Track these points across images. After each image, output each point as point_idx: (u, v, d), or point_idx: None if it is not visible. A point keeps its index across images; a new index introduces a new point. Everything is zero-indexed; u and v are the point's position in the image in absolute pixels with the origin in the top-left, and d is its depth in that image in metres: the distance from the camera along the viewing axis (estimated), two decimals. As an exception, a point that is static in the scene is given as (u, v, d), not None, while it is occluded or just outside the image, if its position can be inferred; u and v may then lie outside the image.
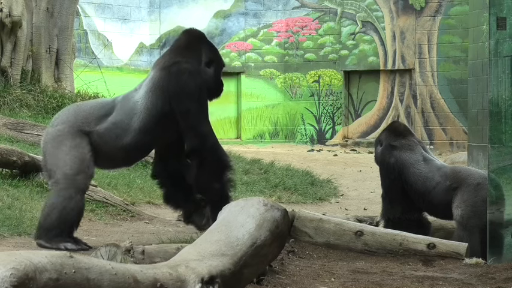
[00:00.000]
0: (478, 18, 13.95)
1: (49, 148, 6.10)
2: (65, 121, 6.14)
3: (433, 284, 5.23)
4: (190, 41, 6.38)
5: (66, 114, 6.24)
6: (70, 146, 6.03)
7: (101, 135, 6.10)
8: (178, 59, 6.21)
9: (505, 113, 5.95)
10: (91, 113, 6.15)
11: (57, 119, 6.25)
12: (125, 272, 3.51)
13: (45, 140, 6.19)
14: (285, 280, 5.11)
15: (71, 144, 6.03)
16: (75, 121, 6.11)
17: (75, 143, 6.03)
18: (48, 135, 6.18)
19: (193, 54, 6.31)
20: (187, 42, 6.35)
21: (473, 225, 6.66)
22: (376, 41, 19.55)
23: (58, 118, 6.26)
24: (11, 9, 12.60)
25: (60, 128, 6.10)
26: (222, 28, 20.01)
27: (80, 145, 6.04)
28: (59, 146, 6.04)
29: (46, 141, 6.18)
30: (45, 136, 6.22)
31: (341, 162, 15.81)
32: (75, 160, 6.02)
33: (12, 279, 3.07)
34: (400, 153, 7.14)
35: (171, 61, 6.20)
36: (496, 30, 5.96)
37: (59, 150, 6.04)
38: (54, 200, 6.01)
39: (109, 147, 6.13)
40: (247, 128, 19.83)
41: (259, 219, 4.40)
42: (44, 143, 6.22)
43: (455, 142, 18.83)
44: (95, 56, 18.64)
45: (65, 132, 6.07)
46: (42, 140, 6.28)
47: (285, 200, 10.42)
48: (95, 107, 6.25)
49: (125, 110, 6.13)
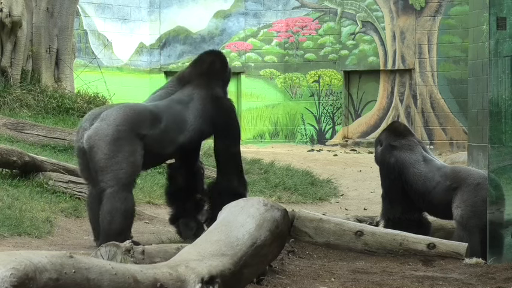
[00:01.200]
0: (478, 18, 13.95)
1: (104, 147, 6.12)
2: (124, 122, 6.21)
3: (433, 284, 5.23)
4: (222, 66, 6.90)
5: (122, 114, 6.24)
6: (129, 151, 6.17)
7: (151, 140, 6.30)
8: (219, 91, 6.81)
9: (505, 113, 5.95)
10: (145, 117, 6.32)
11: (110, 117, 6.20)
12: (125, 272, 3.51)
13: (99, 137, 6.14)
14: (285, 280, 5.11)
15: (129, 149, 6.18)
16: (132, 123, 6.23)
17: (133, 149, 6.20)
18: (103, 133, 6.14)
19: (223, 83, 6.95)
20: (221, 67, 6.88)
21: (473, 225, 6.66)
22: (376, 41, 19.55)
23: (111, 116, 6.21)
24: (11, 9, 12.60)
25: (121, 129, 6.17)
26: (222, 28, 20.01)
27: (136, 150, 6.21)
28: (118, 149, 6.14)
29: (100, 139, 6.13)
30: (98, 132, 6.15)
31: (341, 162, 15.80)
32: (131, 165, 6.19)
33: (12, 279, 3.07)
34: (400, 153, 7.14)
35: (217, 93, 6.76)
36: (496, 30, 5.96)
37: (118, 153, 6.14)
38: (113, 205, 6.10)
39: (153, 153, 6.38)
40: (247, 128, 19.83)
41: (259, 219, 4.40)
42: (95, 139, 6.15)
43: (455, 142, 18.83)
44: (95, 56, 18.64)
45: (125, 135, 6.18)
46: (90, 134, 6.16)
47: (285, 200, 10.42)
48: (144, 111, 6.40)
49: (175, 122, 6.46)
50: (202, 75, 6.73)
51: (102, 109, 6.45)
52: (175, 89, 6.72)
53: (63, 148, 10.28)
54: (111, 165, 6.10)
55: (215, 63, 6.84)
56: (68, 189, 8.25)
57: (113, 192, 6.10)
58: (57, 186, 8.24)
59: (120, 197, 6.10)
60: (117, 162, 6.12)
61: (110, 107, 6.43)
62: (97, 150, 6.13)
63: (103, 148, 6.12)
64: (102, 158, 6.11)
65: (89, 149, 6.16)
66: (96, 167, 6.15)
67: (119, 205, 6.10)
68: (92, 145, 6.15)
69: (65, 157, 9.81)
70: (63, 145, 10.33)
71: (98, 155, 6.12)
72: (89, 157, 6.18)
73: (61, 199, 8.05)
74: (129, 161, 6.16)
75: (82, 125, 6.33)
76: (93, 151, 6.14)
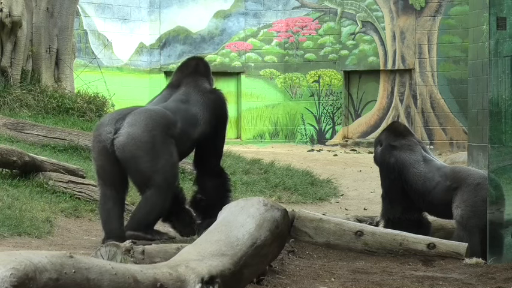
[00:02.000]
0: (478, 18, 13.96)
1: (145, 155, 6.36)
2: (156, 127, 6.44)
3: (433, 284, 5.23)
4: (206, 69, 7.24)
5: (151, 119, 6.45)
6: (168, 153, 6.46)
7: (176, 140, 6.59)
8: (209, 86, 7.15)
9: (505, 113, 5.95)
10: (169, 119, 6.59)
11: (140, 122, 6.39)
12: (125, 272, 3.51)
13: (137, 145, 6.34)
14: (285, 280, 5.11)
15: (168, 152, 6.47)
16: (163, 127, 6.49)
17: (171, 150, 6.50)
18: (140, 140, 6.35)
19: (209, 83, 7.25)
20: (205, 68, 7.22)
21: (473, 225, 6.66)
22: (376, 41, 19.55)
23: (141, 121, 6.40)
24: (11, 9, 12.60)
25: (156, 133, 6.41)
26: (222, 28, 20.01)
27: (173, 151, 6.53)
28: (159, 154, 6.41)
29: (138, 147, 6.35)
30: (134, 139, 6.34)
31: (341, 162, 15.81)
32: (174, 167, 6.56)
33: (12, 279, 3.07)
34: (400, 153, 7.14)
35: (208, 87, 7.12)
36: (496, 30, 5.96)
37: (160, 158, 6.40)
38: (157, 201, 6.44)
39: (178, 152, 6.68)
40: (247, 128, 19.83)
41: (259, 219, 4.40)
42: (132, 148, 6.34)
43: (455, 142, 18.83)
44: (95, 56, 18.64)
45: (161, 139, 6.45)
46: (124, 141, 6.33)
47: (285, 200, 10.42)
48: (165, 113, 6.64)
49: (187, 119, 6.74)
50: (190, 75, 7.03)
51: (123, 112, 6.57)
52: (171, 93, 6.97)
53: (63, 148, 10.28)
54: (156, 171, 6.38)
55: (199, 65, 7.16)
56: (68, 189, 8.25)
57: (160, 190, 6.41)
58: (57, 186, 8.24)
59: (165, 197, 6.47)
60: (163, 166, 6.41)
61: (130, 110, 6.57)
62: (139, 159, 6.36)
63: (145, 156, 6.36)
64: (146, 166, 6.37)
65: (128, 157, 6.35)
66: (138, 174, 6.41)
67: (161, 202, 6.45)
68: (132, 154, 6.35)
69: (65, 157, 9.81)
70: (63, 145, 10.33)
71: (140, 164, 6.37)
72: (126, 164, 6.37)
73: (61, 199, 8.06)
74: (171, 162, 6.48)
75: (104, 129, 6.43)
76: (134, 160, 6.36)
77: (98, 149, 6.45)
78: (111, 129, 6.37)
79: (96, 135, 6.51)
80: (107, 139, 6.35)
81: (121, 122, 6.39)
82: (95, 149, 6.52)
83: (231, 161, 12.02)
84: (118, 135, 6.33)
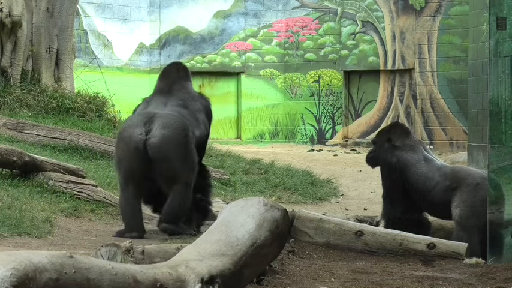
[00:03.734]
0: (478, 18, 13.95)
1: (178, 155, 6.92)
2: (186, 129, 6.97)
3: (433, 284, 5.23)
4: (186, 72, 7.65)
5: (180, 121, 6.96)
6: (194, 153, 7.02)
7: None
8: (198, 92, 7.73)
9: (505, 113, 5.95)
10: (187, 123, 7.06)
11: (171, 124, 6.89)
12: (125, 272, 3.51)
13: (173, 146, 6.87)
14: (285, 280, 5.11)
15: (194, 151, 7.02)
16: (189, 129, 7.01)
17: (195, 151, 7.03)
18: (174, 142, 6.88)
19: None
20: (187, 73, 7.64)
21: (472, 225, 6.67)
22: (376, 41, 19.55)
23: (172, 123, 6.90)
24: (11, 9, 12.59)
25: (187, 134, 6.96)
26: (222, 28, 20.01)
27: (195, 151, 7.05)
28: (188, 154, 6.97)
29: (173, 148, 6.88)
30: (169, 141, 6.84)
31: (341, 162, 15.81)
32: (196, 164, 7.10)
33: (12, 279, 3.07)
34: (402, 153, 7.15)
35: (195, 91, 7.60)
36: (496, 30, 5.96)
37: (188, 158, 6.98)
38: (185, 195, 6.96)
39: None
40: (247, 128, 19.83)
41: (259, 219, 4.40)
42: (168, 148, 6.84)
43: (455, 142, 18.83)
44: (95, 56, 18.64)
45: (190, 140, 6.99)
46: (159, 143, 6.82)
47: (285, 200, 10.42)
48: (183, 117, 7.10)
49: (191, 121, 7.16)
50: (178, 81, 7.43)
51: (147, 115, 6.98)
52: (166, 99, 7.30)
53: (63, 148, 10.28)
54: (185, 169, 6.91)
55: (183, 70, 7.56)
56: (68, 189, 8.25)
57: (187, 186, 6.96)
58: (57, 186, 8.24)
59: (190, 191, 7.00)
60: (190, 164, 6.97)
61: (153, 114, 6.99)
62: (173, 158, 6.89)
63: (178, 155, 6.91)
64: (178, 164, 6.90)
65: (162, 156, 6.85)
66: (171, 172, 6.89)
67: (189, 196, 6.98)
68: (166, 154, 6.86)
69: (65, 157, 9.81)
70: (63, 145, 10.33)
71: (174, 162, 6.89)
72: (159, 162, 6.85)
73: (61, 199, 8.06)
74: (196, 161, 7.05)
75: (135, 130, 6.86)
76: (168, 159, 6.87)
77: (128, 148, 6.88)
78: (141, 130, 6.84)
79: (125, 136, 6.92)
80: (139, 140, 6.80)
81: (149, 125, 6.86)
82: (123, 148, 6.94)
83: (231, 161, 12.03)
84: (151, 137, 6.82)
